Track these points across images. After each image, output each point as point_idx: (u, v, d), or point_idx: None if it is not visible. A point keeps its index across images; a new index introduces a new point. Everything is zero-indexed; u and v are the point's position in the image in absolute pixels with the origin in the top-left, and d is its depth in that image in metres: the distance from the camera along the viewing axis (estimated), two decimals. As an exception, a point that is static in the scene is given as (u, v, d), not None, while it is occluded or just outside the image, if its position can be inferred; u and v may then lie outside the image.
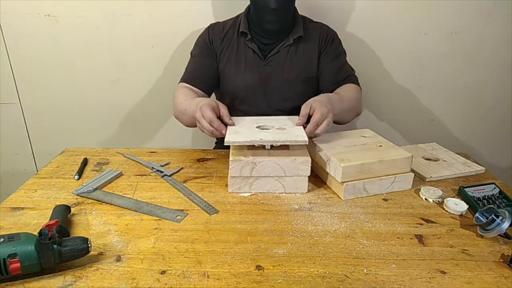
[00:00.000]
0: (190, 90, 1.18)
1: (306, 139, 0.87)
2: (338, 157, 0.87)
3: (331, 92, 1.18)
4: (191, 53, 1.26)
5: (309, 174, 0.88)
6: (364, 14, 1.47)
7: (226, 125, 0.94)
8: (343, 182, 0.86)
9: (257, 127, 0.95)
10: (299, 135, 0.89)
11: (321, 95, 1.05)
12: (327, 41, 1.23)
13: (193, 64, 1.24)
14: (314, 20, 1.28)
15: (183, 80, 1.22)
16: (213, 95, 1.34)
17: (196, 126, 1.06)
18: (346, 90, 1.18)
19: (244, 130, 0.93)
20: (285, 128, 0.94)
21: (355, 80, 1.24)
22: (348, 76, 1.23)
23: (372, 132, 1.04)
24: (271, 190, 0.90)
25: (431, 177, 0.96)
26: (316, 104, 0.94)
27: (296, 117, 1.00)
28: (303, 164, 0.87)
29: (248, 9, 1.21)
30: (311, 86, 1.25)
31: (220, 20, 1.27)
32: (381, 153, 0.90)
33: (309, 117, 0.95)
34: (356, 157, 0.87)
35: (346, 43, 1.32)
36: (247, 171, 0.87)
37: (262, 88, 1.22)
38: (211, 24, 1.25)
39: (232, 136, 0.88)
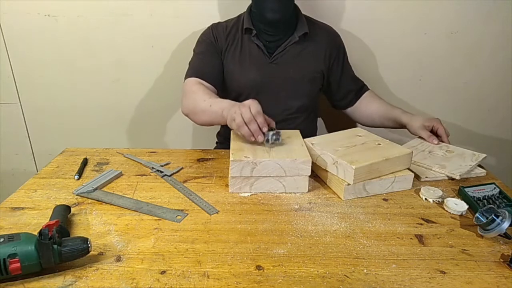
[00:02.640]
0: (207, 87, 1.15)
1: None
2: (346, 159, 0.86)
3: (344, 100, 1.32)
4: (194, 51, 1.24)
5: (309, 174, 0.88)
6: (364, 14, 1.47)
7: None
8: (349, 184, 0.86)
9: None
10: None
11: (413, 116, 1.19)
12: (338, 52, 1.26)
13: (200, 60, 1.21)
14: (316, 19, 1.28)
15: (193, 75, 1.17)
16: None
17: (212, 125, 1.11)
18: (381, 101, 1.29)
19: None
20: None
21: (368, 89, 1.33)
22: (362, 85, 1.33)
23: (365, 130, 1.04)
24: (271, 190, 0.90)
25: (426, 177, 0.96)
26: (434, 121, 1.13)
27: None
28: (304, 164, 0.87)
29: (250, 7, 1.21)
30: (317, 85, 1.26)
31: (221, 20, 1.27)
32: (384, 152, 0.90)
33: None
34: (363, 158, 0.87)
35: (346, 43, 1.32)
36: (248, 171, 0.87)
37: (267, 86, 1.20)
38: (214, 24, 1.25)
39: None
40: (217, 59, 1.21)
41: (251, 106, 0.90)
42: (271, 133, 0.92)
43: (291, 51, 1.19)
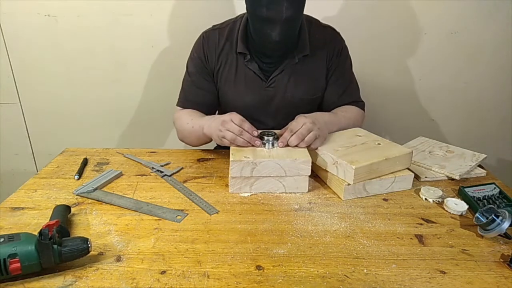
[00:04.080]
0: (193, 111, 1.13)
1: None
2: (346, 158, 0.86)
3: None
4: (187, 67, 1.18)
5: (309, 174, 0.88)
6: (364, 14, 1.47)
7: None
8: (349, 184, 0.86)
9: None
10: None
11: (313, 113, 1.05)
12: (337, 64, 1.14)
13: (190, 86, 1.15)
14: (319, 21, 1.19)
15: (182, 105, 1.16)
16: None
17: (205, 143, 1.11)
18: (345, 111, 1.14)
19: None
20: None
21: (359, 105, 1.19)
22: (353, 101, 1.18)
23: (365, 130, 1.04)
24: (271, 190, 0.90)
25: (426, 177, 0.96)
26: (300, 118, 0.96)
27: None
28: (304, 164, 0.87)
29: (245, 26, 1.09)
30: (316, 104, 1.19)
31: (220, 21, 1.26)
32: (384, 151, 0.90)
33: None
34: (363, 158, 0.87)
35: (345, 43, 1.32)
36: (248, 172, 0.87)
37: (264, 110, 1.14)
38: (205, 35, 1.14)
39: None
40: (207, 83, 1.14)
41: (233, 119, 0.92)
42: (271, 138, 0.92)
43: (289, 72, 1.10)
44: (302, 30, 1.09)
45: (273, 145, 0.92)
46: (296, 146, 0.91)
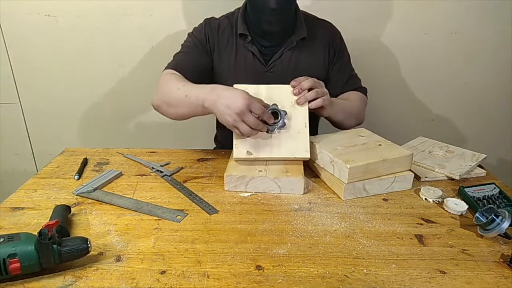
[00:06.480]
0: (182, 77, 1.07)
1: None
2: (343, 158, 0.86)
3: None
4: (181, 45, 1.17)
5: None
6: (364, 14, 1.47)
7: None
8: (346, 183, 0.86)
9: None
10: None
11: None
12: (335, 51, 1.18)
13: (184, 55, 1.14)
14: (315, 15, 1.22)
15: (172, 67, 1.09)
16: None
17: (191, 117, 1.00)
18: (348, 97, 1.17)
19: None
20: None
21: (362, 90, 1.23)
22: (355, 88, 1.22)
23: (368, 131, 1.04)
24: (266, 190, 0.90)
25: (426, 177, 0.96)
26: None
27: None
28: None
29: (244, 9, 1.13)
30: None
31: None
32: (383, 152, 0.90)
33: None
34: (360, 157, 0.87)
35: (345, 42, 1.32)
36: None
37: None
38: (207, 21, 1.18)
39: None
40: (202, 57, 1.14)
41: (253, 109, 0.84)
42: (276, 126, 0.91)
43: (288, 57, 1.13)
44: (297, 16, 1.13)
45: (278, 130, 0.92)
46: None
